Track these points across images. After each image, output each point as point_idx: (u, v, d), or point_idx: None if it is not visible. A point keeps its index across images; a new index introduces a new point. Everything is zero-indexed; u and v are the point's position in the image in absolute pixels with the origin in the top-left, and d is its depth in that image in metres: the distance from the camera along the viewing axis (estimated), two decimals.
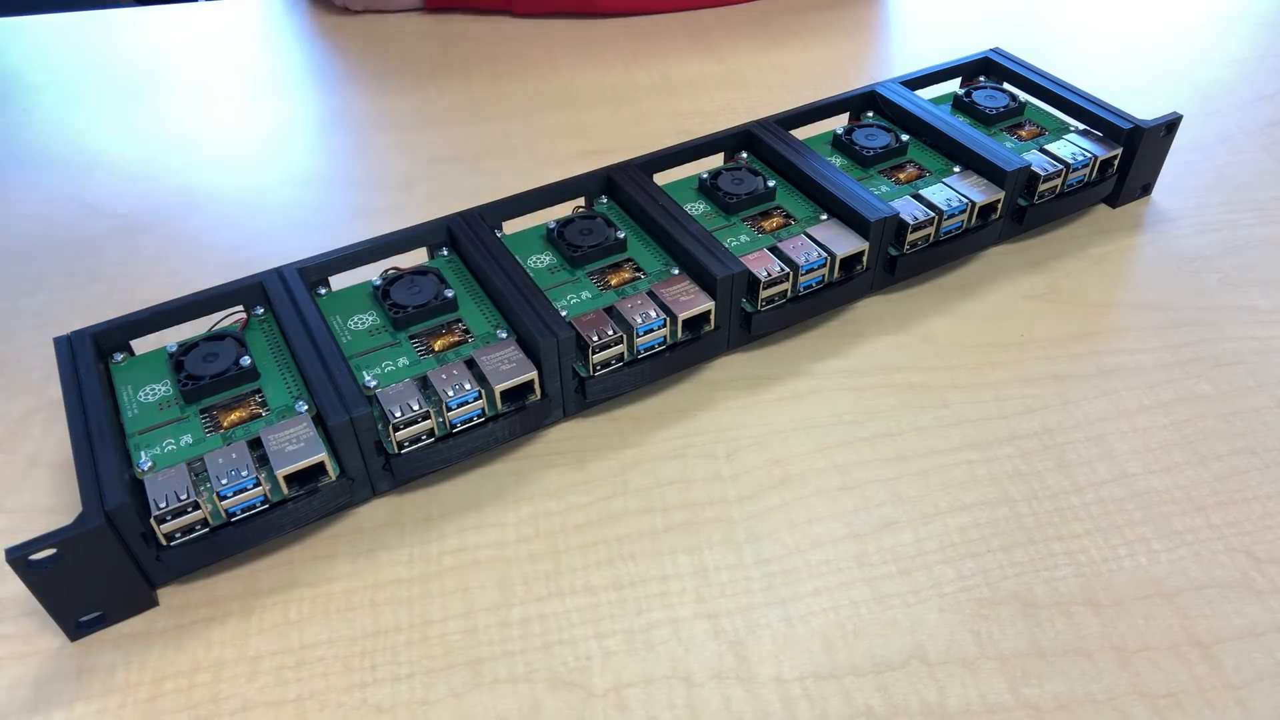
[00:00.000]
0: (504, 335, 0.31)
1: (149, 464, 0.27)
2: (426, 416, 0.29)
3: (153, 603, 0.28)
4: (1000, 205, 0.38)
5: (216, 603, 0.28)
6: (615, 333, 0.31)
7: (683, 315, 0.32)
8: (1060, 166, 0.39)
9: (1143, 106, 0.48)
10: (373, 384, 0.30)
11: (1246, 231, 0.41)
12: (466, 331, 0.32)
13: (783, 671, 0.26)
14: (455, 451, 0.30)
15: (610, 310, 0.32)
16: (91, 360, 0.30)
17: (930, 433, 0.33)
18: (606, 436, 0.33)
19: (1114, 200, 0.42)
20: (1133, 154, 0.40)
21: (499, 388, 0.30)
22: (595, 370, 0.31)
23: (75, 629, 0.27)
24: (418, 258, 0.36)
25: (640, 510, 0.30)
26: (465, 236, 0.34)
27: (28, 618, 0.28)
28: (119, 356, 0.31)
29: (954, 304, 0.38)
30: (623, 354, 0.32)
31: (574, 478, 0.31)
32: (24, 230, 0.44)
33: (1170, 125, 0.41)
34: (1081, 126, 0.42)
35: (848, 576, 0.28)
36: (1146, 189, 0.43)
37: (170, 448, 0.28)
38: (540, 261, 0.35)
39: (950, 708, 0.25)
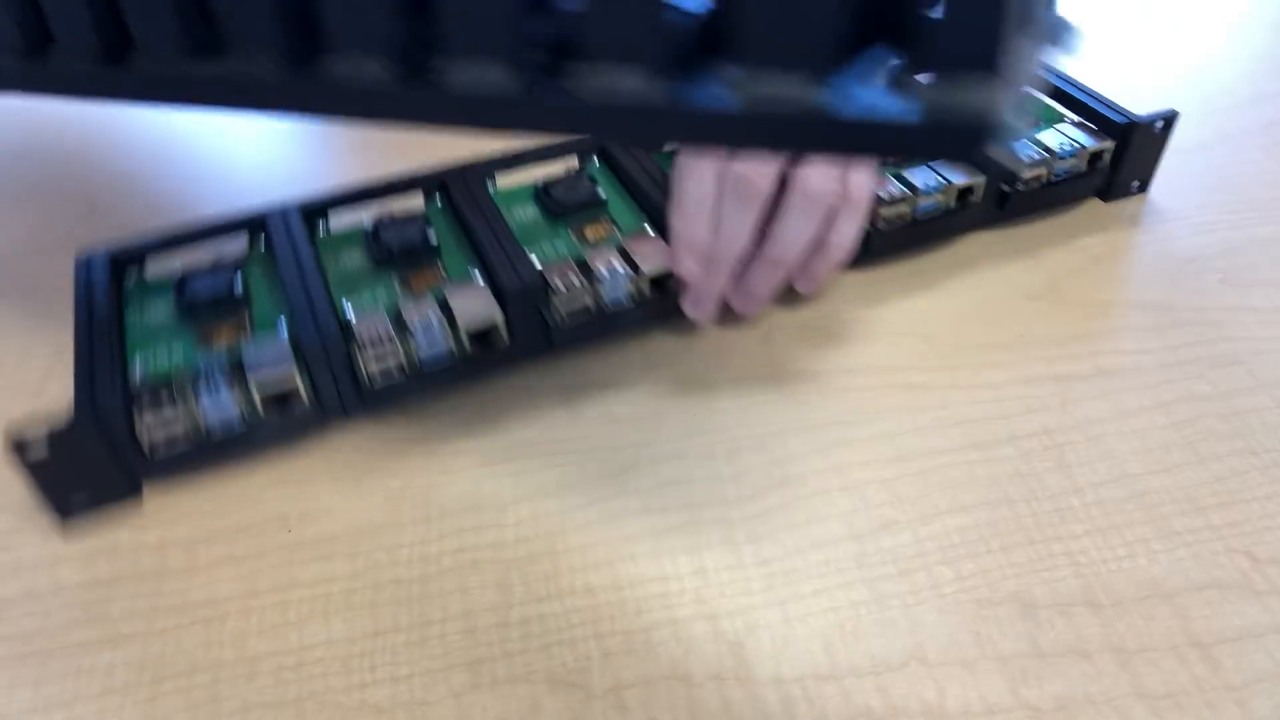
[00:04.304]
0: (478, 278, 0.33)
1: (143, 375, 0.31)
2: (393, 341, 0.31)
3: (138, 491, 0.31)
4: (981, 189, 0.38)
5: (215, 603, 0.28)
6: (580, 283, 0.33)
7: (650, 271, 0.33)
8: (1045, 155, 0.39)
9: (1142, 106, 0.48)
10: (351, 316, 0.32)
11: (1246, 231, 0.41)
12: (444, 274, 0.34)
13: (782, 672, 0.26)
14: (425, 384, 0.32)
15: (580, 262, 0.34)
16: (106, 278, 0.33)
17: (929, 433, 0.33)
18: (606, 436, 0.33)
19: (1106, 194, 0.42)
20: (1126, 148, 0.40)
21: (467, 327, 0.31)
22: (563, 321, 0.33)
23: (66, 508, 0.30)
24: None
25: (640, 510, 0.30)
26: (457, 187, 0.37)
27: (28, 618, 0.28)
28: (131, 280, 0.35)
29: (953, 304, 0.38)
30: (589, 305, 0.33)
31: (573, 478, 0.31)
32: (23, 230, 0.44)
33: (1167, 121, 0.40)
34: (1076, 118, 0.42)
35: (847, 577, 0.28)
36: (1143, 186, 0.43)
37: (164, 363, 0.31)
38: (524, 215, 0.37)
39: (949, 708, 0.25)
